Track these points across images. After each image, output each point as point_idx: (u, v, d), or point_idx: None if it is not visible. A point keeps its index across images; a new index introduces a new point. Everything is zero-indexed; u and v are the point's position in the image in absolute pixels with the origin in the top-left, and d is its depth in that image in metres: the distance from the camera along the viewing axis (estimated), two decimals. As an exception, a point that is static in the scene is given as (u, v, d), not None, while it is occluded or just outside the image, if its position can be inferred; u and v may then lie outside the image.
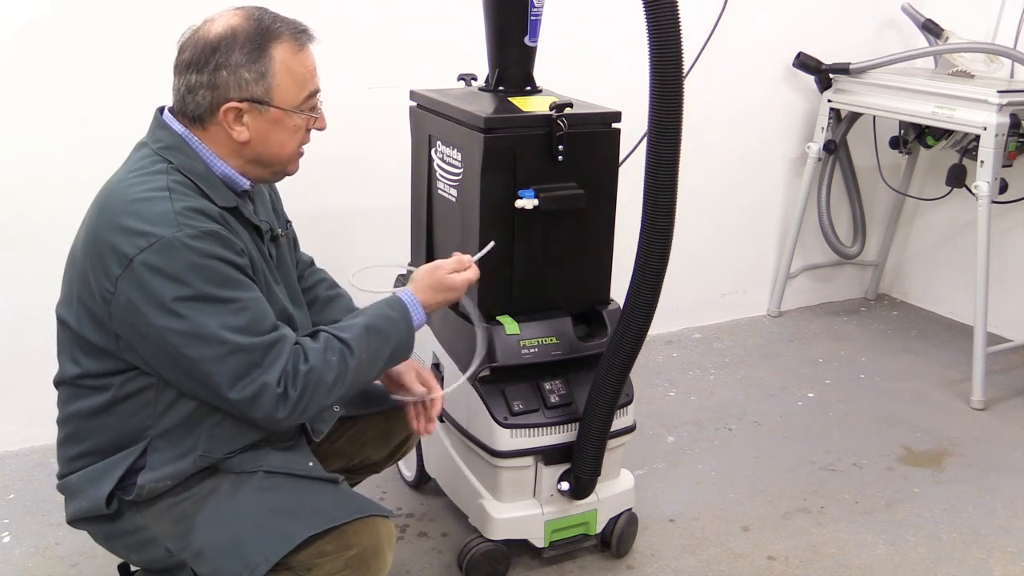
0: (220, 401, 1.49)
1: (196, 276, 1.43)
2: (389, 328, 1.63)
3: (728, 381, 3.24)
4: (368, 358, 1.58)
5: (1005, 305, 3.48)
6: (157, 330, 1.44)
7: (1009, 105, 2.99)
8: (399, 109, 2.32)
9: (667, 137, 1.73)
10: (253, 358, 1.46)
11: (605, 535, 2.19)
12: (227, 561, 1.54)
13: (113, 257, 1.44)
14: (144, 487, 1.55)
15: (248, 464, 1.61)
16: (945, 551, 2.33)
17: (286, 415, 1.49)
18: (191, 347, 1.44)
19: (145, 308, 1.43)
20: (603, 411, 1.96)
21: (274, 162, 1.60)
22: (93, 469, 1.58)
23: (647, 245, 1.81)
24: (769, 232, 3.79)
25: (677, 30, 1.67)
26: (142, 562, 1.68)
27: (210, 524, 1.57)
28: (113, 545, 1.67)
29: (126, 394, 1.54)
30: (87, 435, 1.59)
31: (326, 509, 1.56)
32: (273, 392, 1.47)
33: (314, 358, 1.52)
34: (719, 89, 3.36)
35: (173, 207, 1.46)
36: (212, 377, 1.45)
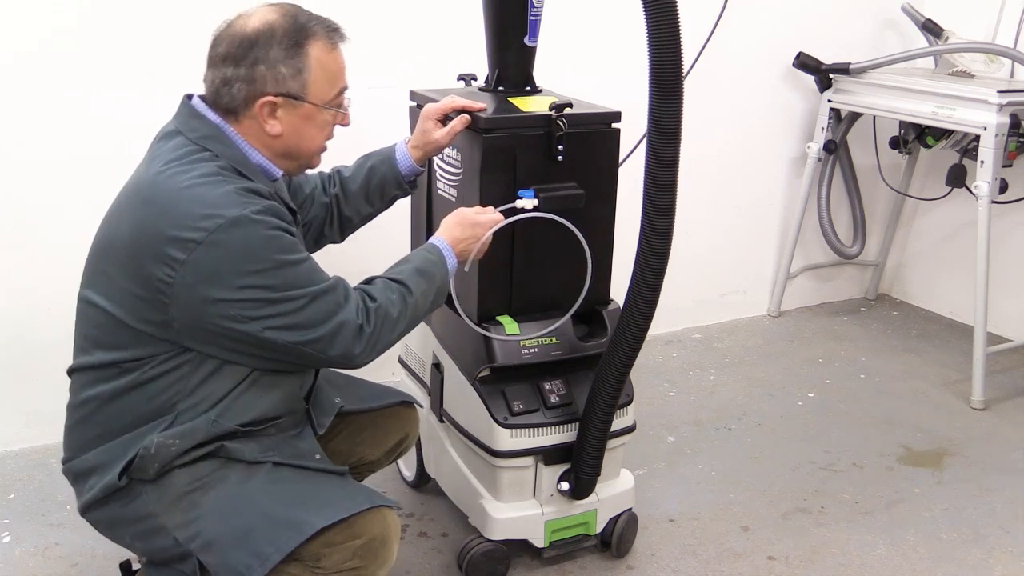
0: (292, 350, 1.53)
1: (269, 248, 1.48)
2: (433, 270, 1.73)
3: (728, 381, 3.24)
4: (421, 297, 1.69)
5: (1005, 305, 3.48)
6: (232, 304, 1.47)
7: (1009, 105, 2.99)
8: (399, 109, 2.32)
9: (667, 137, 1.73)
10: (334, 298, 1.55)
11: (605, 535, 2.19)
12: (237, 552, 1.54)
13: (175, 245, 1.45)
14: (151, 446, 1.54)
15: (258, 453, 1.61)
16: (945, 551, 2.33)
17: (362, 349, 1.57)
18: (269, 308, 1.49)
19: (217, 287, 1.45)
20: (603, 411, 1.96)
21: (301, 155, 1.65)
22: (112, 445, 1.58)
23: (647, 245, 1.81)
24: (769, 232, 3.79)
25: (677, 30, 1.66)
26: (148, 551, 1.66)
27: (220, 514, 1.56)
28: (119, 533, 1.66)
29: (158, 374, 1.55)
30: (108, 417, 1.58)
31: (335, 500, 1.58)
32: (353, 327, 1.56)
33: (379, 296, 1.63)
34: (719, 89, 3.36)
35: (233, 188, 1.50)
36: (293, 328, 1.51)
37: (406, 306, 1.65)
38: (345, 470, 1.70)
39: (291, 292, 1.50)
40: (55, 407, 2.56)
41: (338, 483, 1.66)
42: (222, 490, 1.58)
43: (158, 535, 1.60)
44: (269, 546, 1.52)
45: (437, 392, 2.19)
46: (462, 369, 2.06)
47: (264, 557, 1.52)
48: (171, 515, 1.58)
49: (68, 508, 2.35)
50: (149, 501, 1.58)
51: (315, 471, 1.65)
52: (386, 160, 1.99)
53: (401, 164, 1.98)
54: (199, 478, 1.58)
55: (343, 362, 1.59)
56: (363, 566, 1.57)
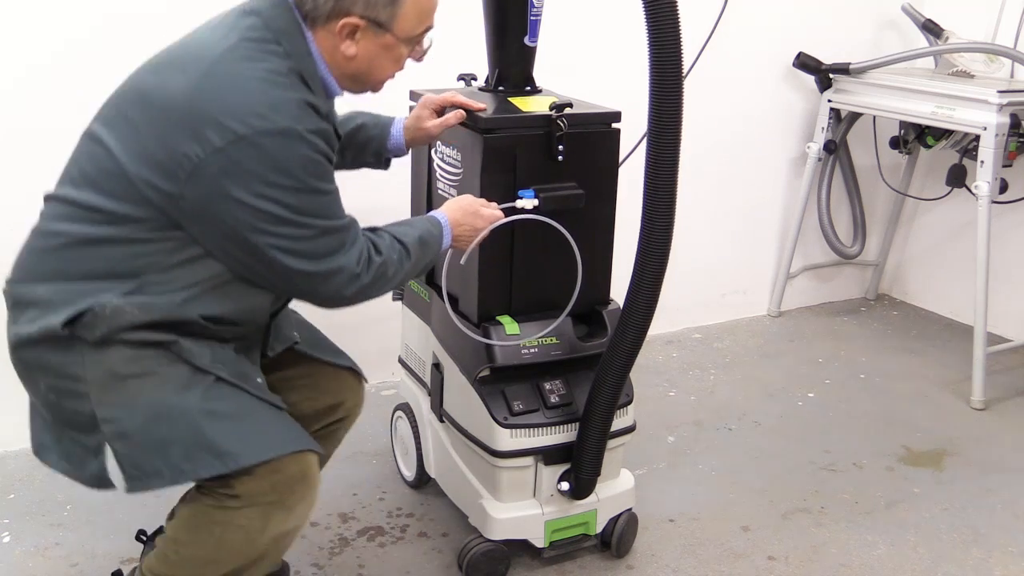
0: (285, 273, 1.52)
1: (305, 169, 1.47)
2: (432, 243, 1.76)
3: (728, 381, 3.24)
4: (414, 264, 1.71)
5: (1005, 305, 3.48)
6: (246, 209, 1.44)
7: (1009, 105, 2.99)
8: (399, 109, 2.31)
9: (667, 137, 1.73)
10: (343, 239, 1.55)
11: (605, 535, 2.19)
12: (151, 455, 1.52)
13: (216, 129, 1.42)
14: (107, 307, 1.48)
15: (207, 362, 1.56)
16: (945, 551, 2.33)
17: (351, 294, 1.59)
18: (281, 226, 1.47)
19: (240, 186, 1.43)
20: (603, 411, 1.96)
21: (367, 82, 1.65)
22: (66, 287, 1.50)
23: (646, 245, 1.81)
24: (769, 232, 3.79)
25: (677, 30, 1.67)
26: (56, 408, 1.57)
27: (148, 413, 1.52)
28: (35, 380, 1.57)
29: (141, 239, 1.49)
30: (73, 257, 1.51)
31: (265, 438, 1.56)
32: (350, 273, 1.57)
33: (385, 252, 1.64)
34: (719, 89, 3.36)
35: (295, 96, 1.47)
36: (294, 254, 1.50)
37: (401, 269, 1.67)
38: (283, 406, 1.66)
39: (307, 219, 1.49)
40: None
41: (273, 417, 1.62)
42: (159, 389, 1.52)
43: (77, 399, 1.53)
44: (186, 463, 1.51)
45: (437, 392, 2.19)
46: (462, 369, 2.06)
47: (177, 472, 1.52)
48: (99, 390, 1.52)
49: (68, 508, 2.35)
50: (83, 364, 1.51)
51: (256, 399, 1.61)
52: (380, 126, 1.99)
53: (393, 137, 1.99)
54: (141, 366, 1.52)
55: (327, 301, 1.61)
56: (279, 500, 1.57)
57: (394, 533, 2.30)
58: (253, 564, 1.63)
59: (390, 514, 2.38)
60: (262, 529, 1.58)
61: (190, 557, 1.62)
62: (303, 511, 1.63)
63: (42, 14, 2.39)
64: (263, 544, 1.60)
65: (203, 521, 1.59)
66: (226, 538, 1.58)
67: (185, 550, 1.63)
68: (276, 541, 1.63)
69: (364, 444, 2.71)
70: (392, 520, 2.36)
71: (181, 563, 1.63)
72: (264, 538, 1.59)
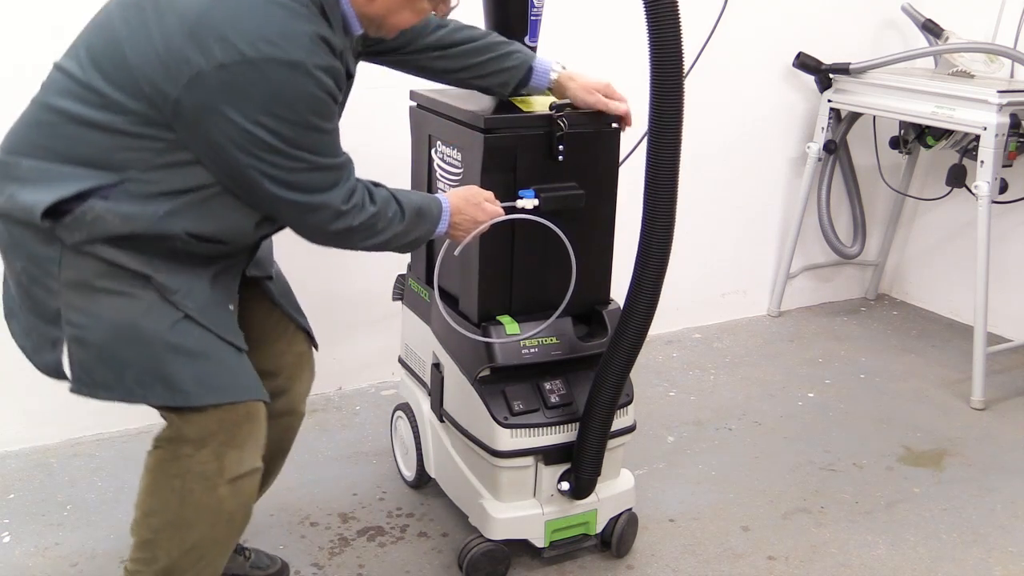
0: (267, 198, 1.52)
1: (307, 105, 1.46)
2: (428, 218, 1.75)
3: (728, 381, 3.24)
4: (405, 229, 1.69)
5: (1005, 305, 3.48)
6: (238, 131, 1.44)
7: (1009, 105, 2.99)
8: (399, 109, 2.32)
9: (667, 137, 1.73)
10: (334, 177, 1.55)
11: (605, 535, 2.19)
12: (106, 370, 1.56)
13: (223, 46, 1.40)
14: (88, 212, 1.47)
15: (180, 295, 1.57)
16: (945, 551, 2.33)
17: (336, 231, 1.58)
18: (271, 155, 1.47)
19: (237, 108, 1.42)
20: (603, 411, 1.96)
21: (384, 27, 1.64)
22: (51, 167, 1.49)
23: (647, 246, 1.81)
24: (769, 232, 3.79)
25: (677, 30, 1.67)
26: (25, 292, 1.57)
27: (111, 330, 1.54)
28: (11, 259, 1.58)
29: (134, 132, 1.47)
30: (63, 136, 1.49)
31: (218, 382, 1.60)
32: (336, 209, 1.56)
33: (380, 204, 1.63)
34: (719, 89, 3.36)
35: (310, 29, 1.46)
36: (280, 183, 1.50)
37: (390, 227, 1.66)
38: (244, 348, 1.67)
39: (299, 152, 1.48)
40: (55, 407, 2.58)
41: (232, 361, 1.63)
42: (127, 310, 1.54)
43: (46, 292, 1.54)
44: (138, 387, 1.56)
45: (437, 392, 2.19)
46: (462, 369, 2.06)
47: (127, 392, 1.56)
48: (70, 292, 1.53)
49: (68, 508, 2.35)
50: (59, 263, 1.52)
51: (220, 340, 1.61)
52: (524, 66, 1.98)
53: (536, 78, 2.00)
54: (115, 283, 1.53)
55: (310, 233, 1.60)
56: (228, 440, 1.61)
57: (394, 533, 2.30)
58: (223, 524, 1.66)
59: (390, 514, 2.38)
60: (219, 471, 1.61)
61: (160, 527, 1.65)
62: (253, 449, 1.66)
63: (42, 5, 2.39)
64: (224, 492, 1.63)
65: (162, 477, 1.63)
66: (187, 489, 1.61)
67: (153, 520, 1.65)
68: (235, 489, 1.65)
69: (364, 444, 2.72)
70: (392, 520, 2.36)
71: (155, 539, 1.65)
72: (222, 483, 1.62)
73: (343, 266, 2.88)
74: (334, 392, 3.03)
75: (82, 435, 2.66)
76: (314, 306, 2.92)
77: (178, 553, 1.65)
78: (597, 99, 1.98)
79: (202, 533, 1.65)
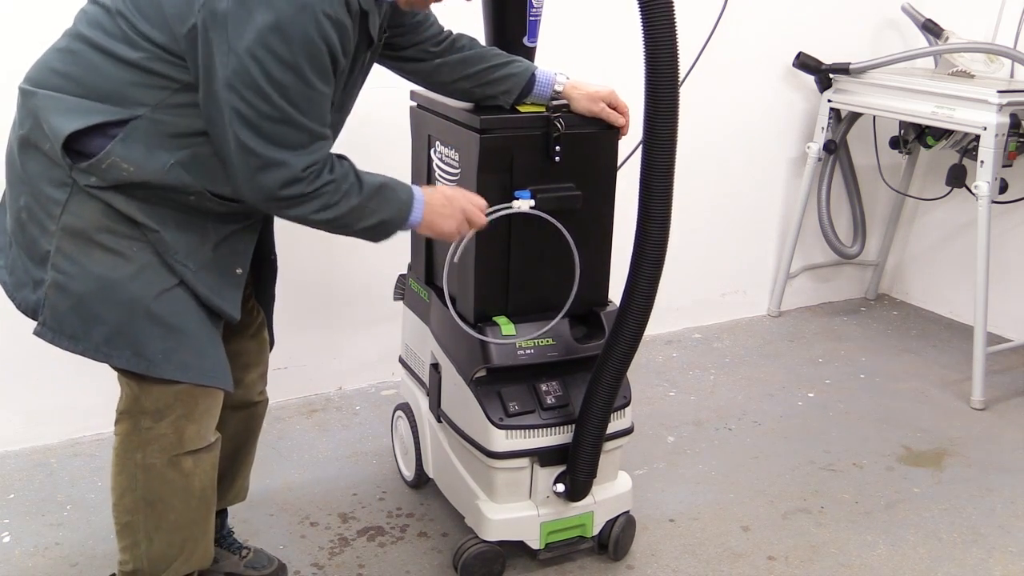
0: (226, 141, 1.50)
1: (302, 48, 1.46)
2: (393, 201, 1.69)
3: (728, 381, 3.24)
4: (363, 208, 1.64)
5: (1005, 305, 3.47)
6: (232, 59, 1.45)
7: (1009, 105, 2.99)
8: (399, 109, 2.32)
9: (662, 139, 1.73)
10: (303, 139, 1.52)
11: (602, 537, 2.18)
12: (77, 322, 1.58)
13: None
14: (110, 156, 1.52)
15: (181, 255, 1.60)
16: (945, 551, 2.33)
17: (285, 196, 1.54)
18: (251, 92, 1.46)
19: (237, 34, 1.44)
20: (599, 413, 1.95)
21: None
22: (67, 100, 1.54)
23: (642, 246, 1.81)
24: (769, 232, 3.79)
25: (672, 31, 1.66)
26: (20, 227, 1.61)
27: (97, 284, 1.57)
28: (17, 192, 1.61)
29: (147, 67, 1.52)
30: (85, 65, 1.54)
31: (186, 360, 1.62)
32: (293, 173, 1.52)
33: (338, 174, 1.59)
34: (719, 89, 3.36)
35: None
36: (248, 125, 1.48)
37: (346, 201, 1.61)
38: (235, 319, 1.71)
39: (280, 100, 1.48)
40: (55, 407, 2.59)
41: (206, 342, 1.66)
42: (117, 269, 1.57)
43: (41, 232, 1.58)
44: (105, 346, 1.59)
45: (435, 393, 2.19)
46: (459, 370, 2.06)
47: (93, 348, 1.59)
48: (64, 238, 1.56)
49: (68, 508, 2.36)
50: (64, 206, 1.56)
51: (208, 312, 1.65)
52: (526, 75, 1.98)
53: (540, 87, 2.00)
54: (113, 241, 1.57)
55: (255, 191, 1.54)
56: (185, 413, 1.64)
57: (394, 533, 2.31)
58: (196, 500, 1.70)
59: (390, 514, 2.38)
60: (178, 443, 1.65)
61: (133, 506, 1.68)
62: (209, 424, 1.70)
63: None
64: (188, 465, 1.67)
65: (124, 454, 1.67)
66: (148, 463, 1.65)
67: (127, 499, 1.69)
68: (198, 461, 1.69)
69: (364, 444, 2.72)
70: (392, 520, 2.36)
71: (133, 522, 1.69)
72: (183, 455, 1.66)
73: (344, 266, 2.89)
74: (334, 392, 3.03)
75: (82, 435, 2.67)
76: (314, 306, 2.94)
77: (157, 535, 1.69)
78: (600, 108, 1.98)
79: (177, 512, 1.69)
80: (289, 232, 1.89)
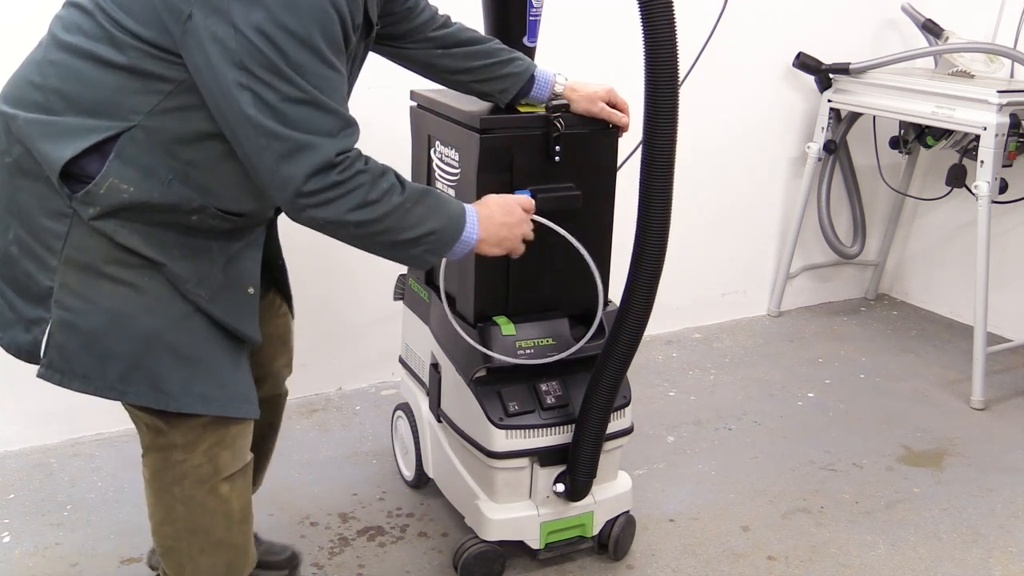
0: (243, 127, 1.36)
1: (314, 19, 1.35)
2: (442, 210, 1.56)
3: (728, 381, 3.24)
4: (406, 212, 1.48)
5: (1005, 305, 3.47)
6: (239, 38, 1.33)
7: (1009, 105, 2.99)
8: (399, 109, 2.32)
9: (661, 138, 1.73)
10: (331, 123, 1.38)
11: (602, 537, 2.18)
12: (88, 361, 1.47)
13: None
14: (108, 179, 1.40)
15: (192, 283, 1.50)
16: (945, 551, 2.33)
17: (315, 189, 1.39)
18: (265, 72, 1.34)
19: (243, 13, 1.32)
20: (598, 413, 1.95)
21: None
22: (55, 121, 1.41)
23: (642, 247, 1.81)
24: (769, 232, 3.79)
25: (672, 32, 1.66)
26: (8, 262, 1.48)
27: (108, 319, 1.46)
28: (6, 221, 1.48)
29: (138, 68, 1.39)
30: (69, 74, 1.41)
31: (208, 391, 1.53)
32: (325, 157, 1.37)
33: (373, 168, 1.45)
34: (719, 89, 3.36)
35: None
36: (266, 108, 1.35)
37: (384, 202, 1.45)
38: (256, 341, 1.62)
39: (297, 79, 1.35)
40: (55, 407, 2.59)
41: (229, 365, 1.57)
42: (129, 302, 1.47)
43: (40, 267, 1.46)
44: (121, 383, 1.48)
45: (435, 392, 2.19)
46: (459, 370, 2.06)
47: (107, 387, 1.49)
48: (69, 272, 1.45)
49: (68, 508, 2.36)
50: (66, 238, 1.44)
51: (227, 336, 1.56)
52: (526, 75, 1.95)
53: (538, 88, 1.98)
54: (122, 272, 1.46)
55: (280, 188, 1.39)
56: (218, 441, 1.58)
57: (394, 533, 2.31)
58: (237, 524, 1.66)
59: (390, 514, 2.38)
60: (215, 472, 1.60)
61: (176, 535, 1.64)
62: (244, 446, 1.65)
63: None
64: (225, 490, 1.62)
65: (161, 486, 1.62)
66: (188, 494, 1.60)
67: (168, 529, 1.65)
68: (235, 486, 1.64)
69: (364, 444, 2.72)
70: (392, 520, 2.36)
71: (176, 547, 1.65)
72: (220, 482, 1.61)
73: (344, 265, 2.88)
74: (334, 392, 3.03)
75: (82, 435, 2.67)
76: (315, 306, 2.94)
77: (202, 557, 1.65)
78: (600, 109, 1.97)
79: (219, 536, 1.64)
80: (289, 232, 1.88)
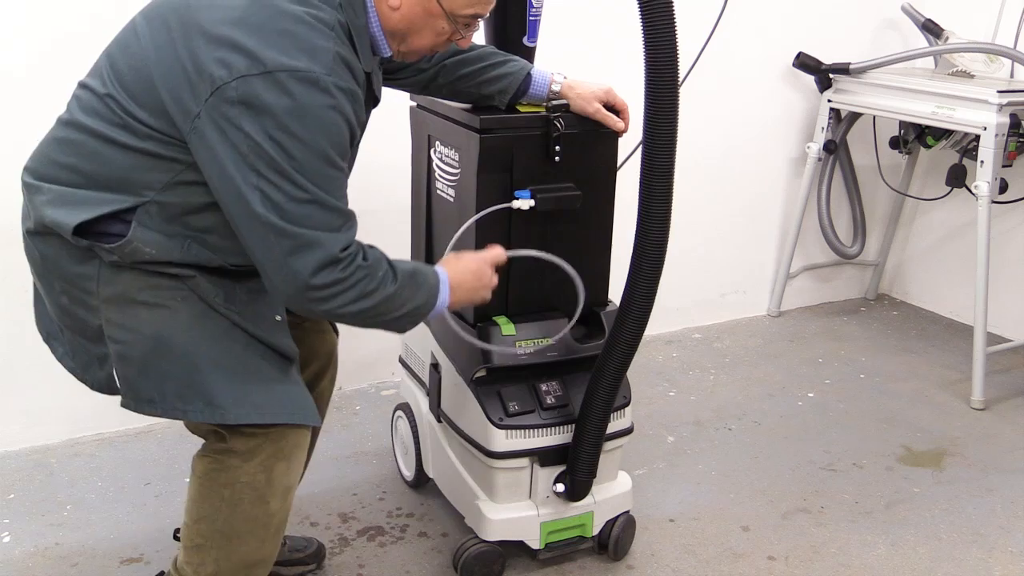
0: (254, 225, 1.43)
1: (320, 126, 1.42)
2: (423, 285, 1.63)
3: (728, 381, 3.24)
4: (396, 296, 1.56)
5: (1005, 305, 3.48)
6: (249, 142, 1.40)
7: (1009, 105, 2.99)
8: (399, 109, 2.32)
9: (662, 138, 1.73)
10: (334, 220, 1.45)
11: (602, 538, 2.18)
12: (149, 385, 1.55)
13: (246, 56, 1.40)
14: (131, 243, 1.49)
15: (221, 300, 1.56)
16: (945, 551, 2.33)
17: (320, 283, 1.45)
18: (274, 174, 1.40)
19: (252, 120, 1.39)
20: (598, 413, 1.95)
21: (406, 43, 1.63)
22: (75, 192, 1.51)
23: (642, 247, 1.81)
24: (769, 232, 3.79)
25: (672, 32, 1.66)
26: (66, 312, 1.59)
27: (153, 343, 1.53)
28: (50, 278, 1.58)
29: (150, 151, 1.48)
30: (87, 153, 1.51)
31: (258, 400, 1.57)
32: (330, 253, 1.44)
33: (372, 260, 1.52)
34: (719, 89, 3.36)
35: (333, 49, 1.45)
36: (275, 208, 1.41)
37: (382, 289, 1.54)
38: (294, 355, 1.65)
39: (303, 180, 1.42)
40: (55, 407, 2.59)
41: (277, 374, 1.61)
42: (167, 323, 1.54)
43: (87, 310, 1.56)
44: (179, 402, 1.55)
45: (435, 393, 2.19)
46: (459, 370, 2.06)
47: (170, 407, 1.55)
48: (109, 308, 1.54)
49: (68, 508, 2.36)
50: (97, 280, 1.54)
51: (268, 348, 1.60)
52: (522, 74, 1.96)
53: (536, 86, 1.98)
54: (154, 295, 1.54)
55: (285, 282, 1.46)
56: (276, 451, 1.59)
57: (394, 533, 2.31)
58: (272, 538, 1.65)
59: (390, 514, 2.38)
60: (268, 483, 1.60)
61: (210, 534, 1.63)
62: (299, 460, 1.66)
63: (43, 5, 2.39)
64: (275, 506, 1.62)
65: (211, 485, 1.62)
66: (237, 498, 1.60)
67: (203, 526, 1.64)
68: (284, 503, 1.65)
69: (364, 444, 2.72)
70: (392, 520, 2.36)
71: (205, 545, 1.64)
72: (271, 495, 1.61)
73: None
74: (334, 392, 3.02)
75: (82, 435, 2.67)
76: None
77: (228, 563, 1.65)
78: (596, 109, 1.97)
79: (251, 547, 1.64)
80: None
